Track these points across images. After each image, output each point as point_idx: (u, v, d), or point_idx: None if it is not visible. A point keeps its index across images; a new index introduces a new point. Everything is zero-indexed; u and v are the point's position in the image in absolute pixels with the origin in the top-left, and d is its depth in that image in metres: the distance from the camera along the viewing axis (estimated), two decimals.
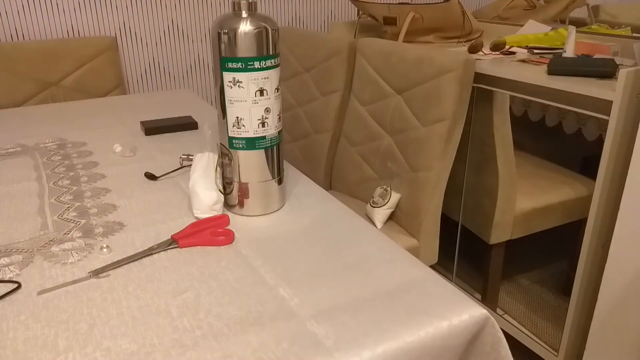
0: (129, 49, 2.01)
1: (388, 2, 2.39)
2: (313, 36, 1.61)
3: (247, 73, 0.75)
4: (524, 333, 1.50)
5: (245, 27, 0.73)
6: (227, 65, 0.75)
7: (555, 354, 1.38)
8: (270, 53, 0.76)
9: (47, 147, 1.15)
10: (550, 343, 1.43)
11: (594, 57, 1.33)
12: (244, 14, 0.75)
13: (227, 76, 0.75)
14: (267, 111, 0.78)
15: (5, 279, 0.68)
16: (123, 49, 1.99)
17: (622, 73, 1.05)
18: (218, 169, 0.85)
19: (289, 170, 0.99)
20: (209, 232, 0.77)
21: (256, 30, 0.74)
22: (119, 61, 1.91)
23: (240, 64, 0.74)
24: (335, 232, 0.79)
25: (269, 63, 0.76)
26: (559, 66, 1.24)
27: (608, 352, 1.24)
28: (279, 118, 0.81)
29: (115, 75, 1.88)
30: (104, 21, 1.93)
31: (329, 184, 1.61)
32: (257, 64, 0.75)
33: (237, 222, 0.82)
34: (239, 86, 0.75)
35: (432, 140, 1.23)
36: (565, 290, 1.39)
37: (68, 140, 1.20)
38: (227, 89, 0.76)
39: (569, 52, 1.35)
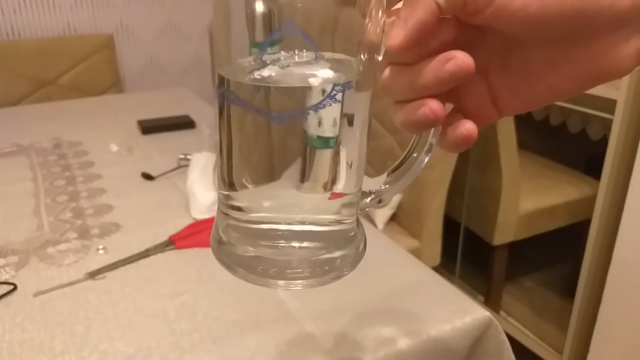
0: (125, 47, 1.99)
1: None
2: None
3: None
4: (528, 336, 1.49)
5: None
6: None
7: (559, 356, 1.37)
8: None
9: (43, 147, 1.14)
10: (554, 345, 1.42)
11: None
12: None
13: None
14: None
15: (1, 280, 0.67)
16: (120, 47, 1.98)
17: None
18: (216, 169, 0.84)
19: None
20: (207, 234, 0.76)
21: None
22: (115, 59, 1.89)
23: None
24: None
25: None
26: None
27: (612, 355, 1.23)
28: None
29: (112, 74, 1.87)
30: (101, 19, 1.92)
31: None
32: None
33: None
34: None
35: None
36: (569, 292, 1.38)
37: (64, 139, 1.19)
38: None
39: None
